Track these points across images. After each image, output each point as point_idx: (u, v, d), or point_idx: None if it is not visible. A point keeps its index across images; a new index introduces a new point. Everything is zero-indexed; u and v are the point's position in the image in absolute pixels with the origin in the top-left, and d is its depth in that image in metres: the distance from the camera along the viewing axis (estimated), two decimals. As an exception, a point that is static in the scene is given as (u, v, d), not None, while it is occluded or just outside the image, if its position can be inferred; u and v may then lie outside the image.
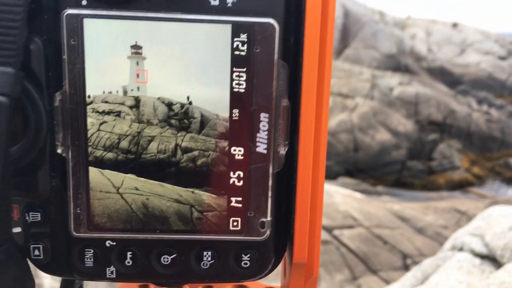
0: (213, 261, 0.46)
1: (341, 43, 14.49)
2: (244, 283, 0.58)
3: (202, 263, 0.46)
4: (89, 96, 0.42)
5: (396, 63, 14.30)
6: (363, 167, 11.22)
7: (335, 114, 11.74)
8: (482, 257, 2.91)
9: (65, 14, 0.41)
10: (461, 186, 11.08)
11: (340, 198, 6.68)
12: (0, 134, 0.38)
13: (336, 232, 5.78)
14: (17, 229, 0.46)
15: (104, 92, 0.42)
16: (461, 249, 3.11)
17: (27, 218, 0.45)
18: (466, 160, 12.09)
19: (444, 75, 14.76)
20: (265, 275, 0.48)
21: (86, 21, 0.41)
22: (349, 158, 11.16)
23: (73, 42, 0.41)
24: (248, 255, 0.46)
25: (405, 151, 11.69)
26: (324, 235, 5.56)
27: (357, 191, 8.48)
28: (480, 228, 3.13)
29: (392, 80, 13.18)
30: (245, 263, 0.46)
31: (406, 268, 5.18)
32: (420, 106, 12.67)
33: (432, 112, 12.63)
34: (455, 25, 16.89)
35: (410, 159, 11.64)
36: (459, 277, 2.71)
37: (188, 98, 0.43)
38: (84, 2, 0.41)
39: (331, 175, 10.56)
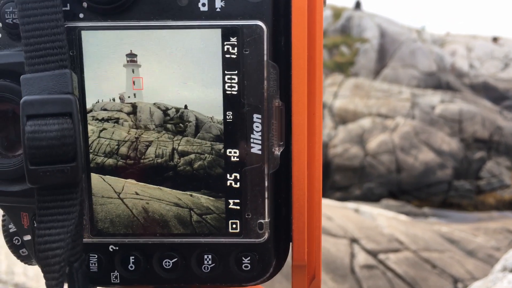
0: (213, 264, 0.46)
1: (378, 63, 14.35)
2: None
3: (203, 266, 0.46)
4: (90, 106, 0.44)
5: (437, 81, 13.98)
6: (407, 188, 10.87)
7: (375, 135, 11.53)
8: (536, 278, 2.73)
9: (64, 27, 0.43)
10: (512, 205, 10.52)
11: (384, 221, 6.48)
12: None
13: (382, 256, 5.59)
14: (27, 237, 0.48)
15: (103, 100, 0.44)
16: (513, 270, 2.94)
17: (35, 225, 0.46)
18: (516, 178, 11.51)
19: (488, 91, 14.27)
20: (268, 279, 0.47)
21: (84, 33, 0.43)
22: (392, 180, 10.86)
23: (71, 53, 0.43)
24: (248, 258, 0.46)
25: (450, 170, 11.27)
26: (369, 260, 5.39)
27: (402, 213, 8.20)
28: (533, 247, 2.96)
29: (433, 98, 12.86)
30: (246, 266, 0.46)
31: (457, 292, 4.93)
32: (464, 124, 12.25)
33: (477, 129, 12.18)
34: (495, 39, 16.41)
35: (456, 178, 11.20)
36: (510, 299, 2.55)
37: (183, 102, 0.44)
38: (81, 15, 0.43)
39: (373, 197, 10.29)
